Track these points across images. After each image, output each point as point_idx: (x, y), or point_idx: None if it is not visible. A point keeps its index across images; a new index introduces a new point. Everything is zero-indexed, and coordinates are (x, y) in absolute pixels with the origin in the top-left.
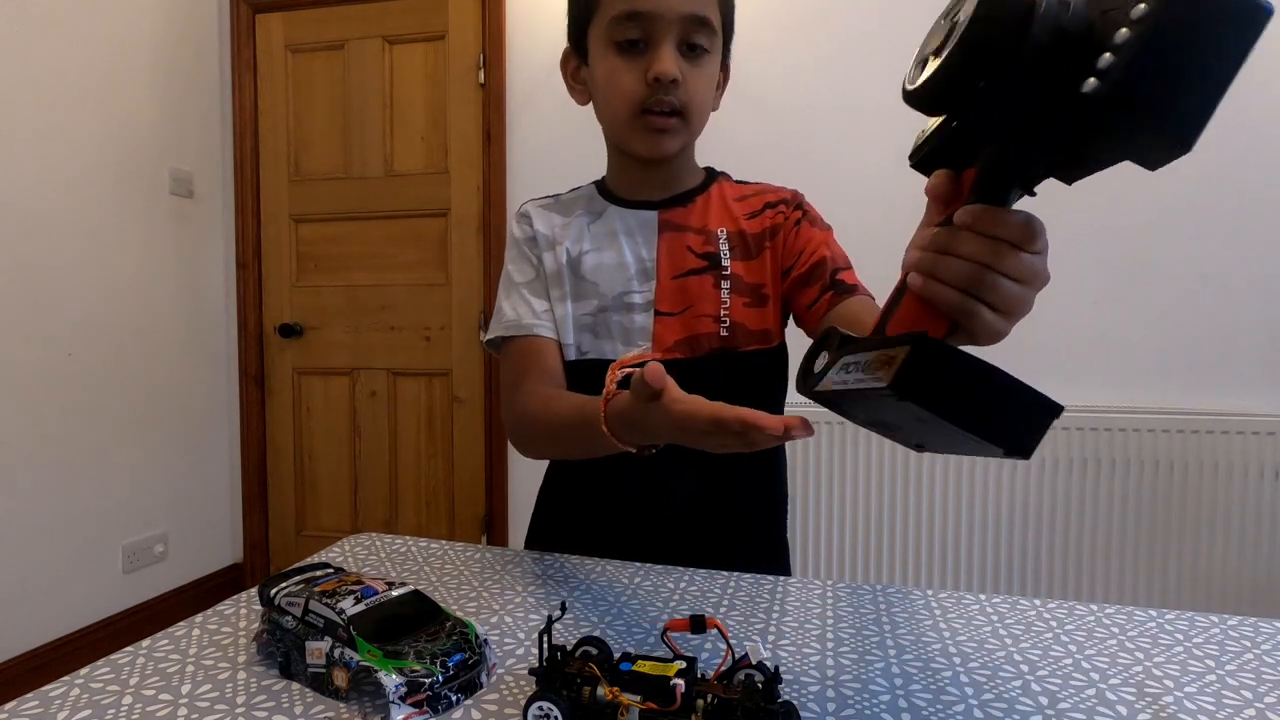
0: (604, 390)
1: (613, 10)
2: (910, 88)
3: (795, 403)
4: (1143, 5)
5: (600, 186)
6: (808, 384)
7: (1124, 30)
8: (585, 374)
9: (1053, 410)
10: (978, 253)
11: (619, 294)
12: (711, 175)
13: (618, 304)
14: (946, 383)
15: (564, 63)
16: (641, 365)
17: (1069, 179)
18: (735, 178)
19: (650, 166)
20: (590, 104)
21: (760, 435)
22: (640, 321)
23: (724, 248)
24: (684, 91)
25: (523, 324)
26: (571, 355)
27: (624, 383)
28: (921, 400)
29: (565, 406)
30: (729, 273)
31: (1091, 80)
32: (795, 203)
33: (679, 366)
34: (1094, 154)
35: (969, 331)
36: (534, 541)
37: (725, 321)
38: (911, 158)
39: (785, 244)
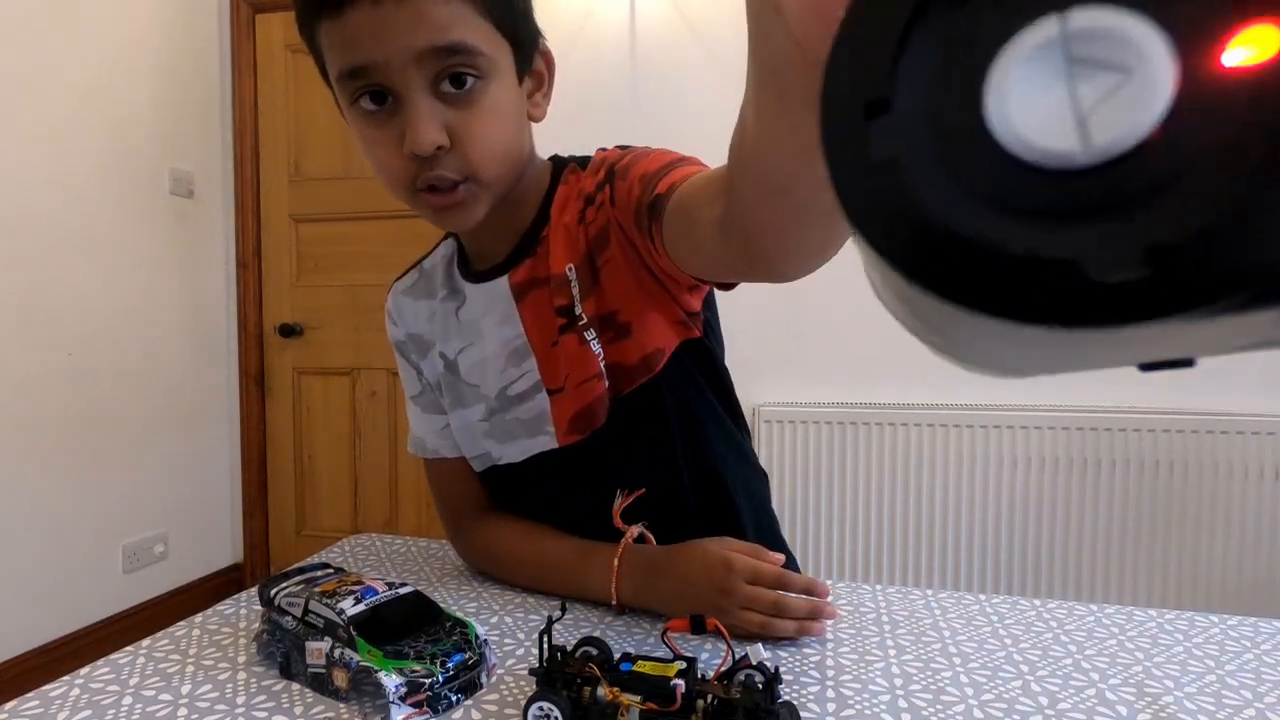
0: (623, 539)
1: (335, 64)
2: None
3: (799, 401)
4: None
5: (460, 242)
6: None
7: None
8: (503, 480)
9: None
10: None
11: (501, 390)
12: (555, 182)
13: (504, 401)
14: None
15: (336, 101)
16: (634, 498)
17: None
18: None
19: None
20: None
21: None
22: (535, 408)
23: (575, 291)
24: (460, 151)
25: (427, 447)
26: (484, 465)
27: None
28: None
29: (559, 545)
30: (584, 320)
31: None
32: (608, 175)
33: (583, 448)
34: None
35: None
36: None
37: (606, 377)
38: None
39: (623, 236)
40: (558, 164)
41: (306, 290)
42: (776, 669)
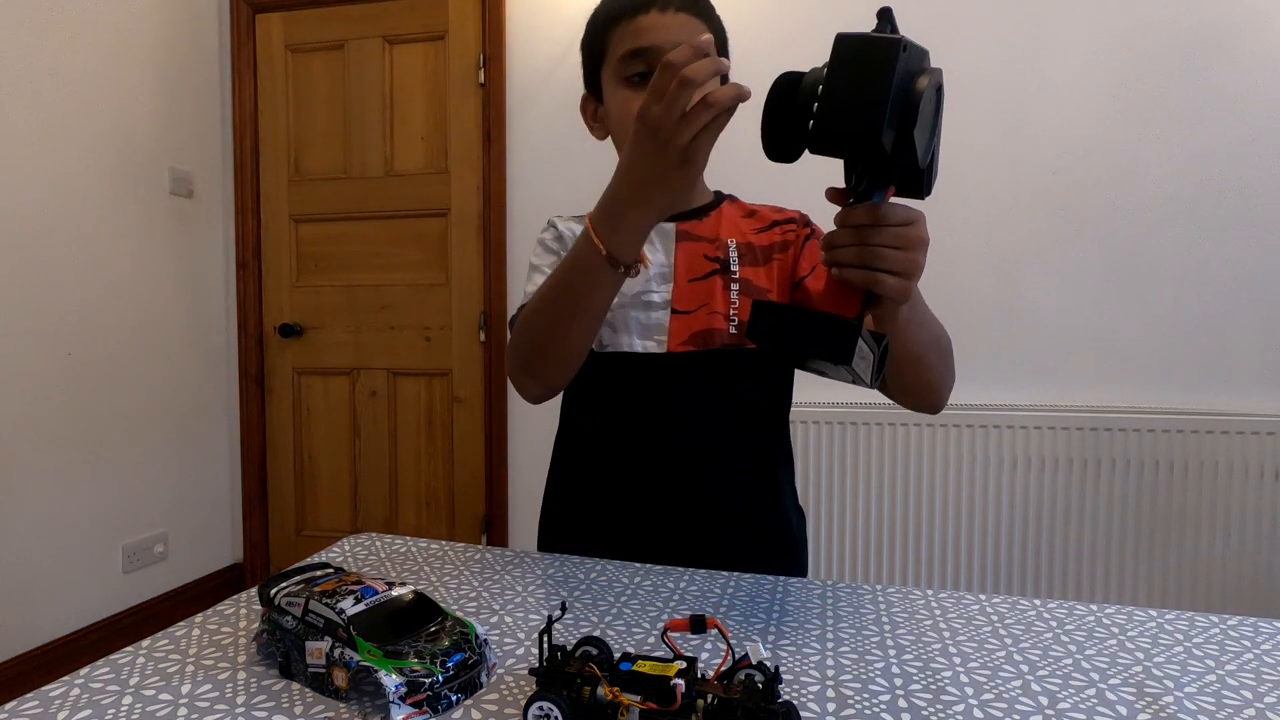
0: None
1: (619, 51)
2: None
3: (799, 402)
4: (824, 69)
5: None
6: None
7: (819, 87)
8: (605, 366)
9: (851, 326)
10: (853, 236)
11: (638, 293)
12: (720, 196)
13: (636, 302)
14: (770, 325)
15: (583, 107)
16: None
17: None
18: (742, 199)
19: None
20: (608, 139)
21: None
22: (657, 318)
23: (733, 255)
24: None
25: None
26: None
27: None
28: (762, 342)
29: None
30: (738, 276)
31: (810, 123)
32: (803, 222)
33: (694, 358)
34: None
35: (880, 293)
36: (545, 543)
37: (734, 320)
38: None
39: (795, 258)
40: (719, 192)
41: (306, 290)
42: (776, 669)
